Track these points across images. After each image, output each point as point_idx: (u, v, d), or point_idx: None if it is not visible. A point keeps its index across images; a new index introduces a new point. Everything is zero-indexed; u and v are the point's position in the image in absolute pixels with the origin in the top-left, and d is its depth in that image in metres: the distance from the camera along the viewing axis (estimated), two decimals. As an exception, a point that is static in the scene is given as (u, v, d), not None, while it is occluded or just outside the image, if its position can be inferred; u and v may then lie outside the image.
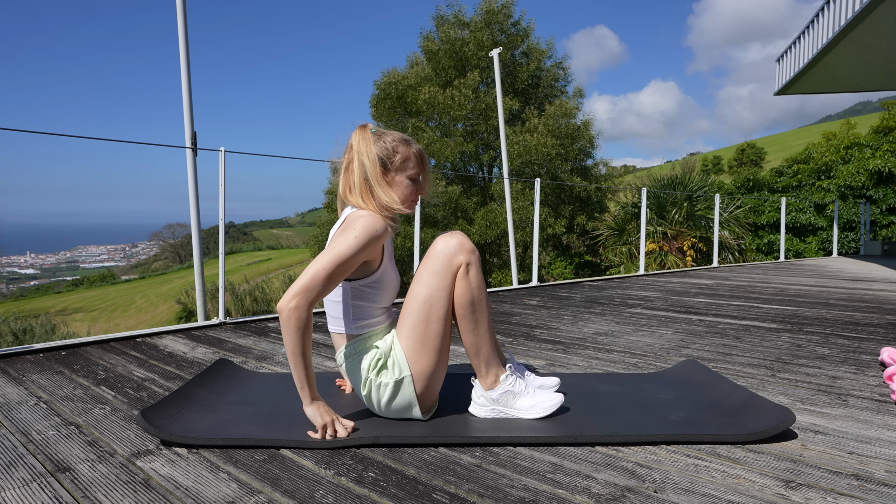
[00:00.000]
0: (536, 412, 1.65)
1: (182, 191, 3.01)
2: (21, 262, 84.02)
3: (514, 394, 1.65)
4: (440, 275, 1.59)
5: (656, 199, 11.49)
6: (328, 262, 1.48)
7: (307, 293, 1.46)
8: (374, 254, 1.59)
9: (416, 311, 1.59)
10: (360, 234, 1.51)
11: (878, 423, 1.69)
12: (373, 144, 1.63)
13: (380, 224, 1.55)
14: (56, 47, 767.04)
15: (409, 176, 1.66)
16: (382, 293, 1.64)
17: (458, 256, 1.59)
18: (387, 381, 1.58)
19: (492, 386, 1.66)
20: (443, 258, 1.59)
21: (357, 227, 1.52)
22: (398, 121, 17.03)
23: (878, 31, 6.39)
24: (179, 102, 3.44)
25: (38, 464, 1.40)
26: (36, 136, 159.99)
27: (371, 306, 1.64)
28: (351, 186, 1.64)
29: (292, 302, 1.45)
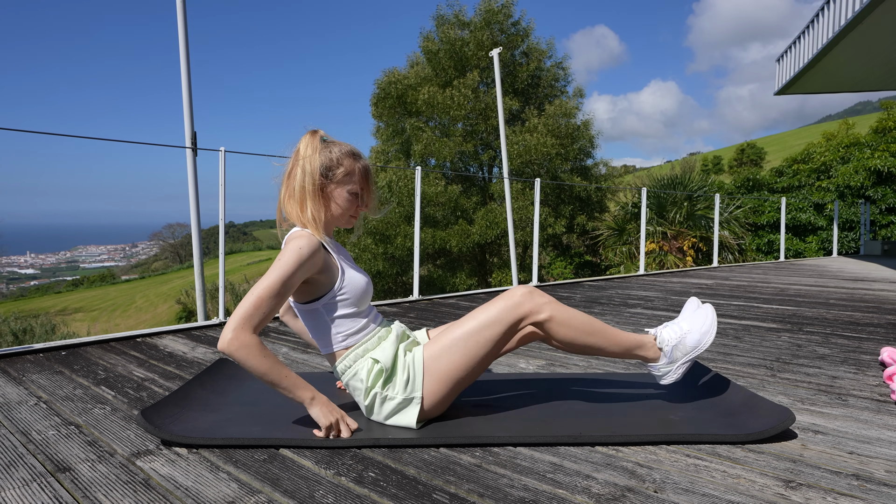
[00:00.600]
0: (707, 338, 1.66)
1: (182, 191, 3.02)
2: (21, 262, 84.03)
3: (679, 342, 1.67)
4: (494, 323, 1.58)
5: (656, 199, 11.50)
6: (263, 288, 1.46)
7: (247, 323, 1.43)
8: (317, 269, 1.55)
9: (457, 343, 1.58)
10: (289, 259, 1.48)
11: (878, 423, 1.69)
12: (318, 153, 1.60)
13: (309, 244, 1.51)
14: (56, 47, 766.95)
15: (350, 190, 1.62)
16: (355, 297, 1.61)
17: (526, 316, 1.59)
18: (393, 396, 1.56)
19: (657, 356, 1.69)
20: (502, 313, 1.58)
21: (286, 253, 1.50)
22: (398, 120, 17.04)
23: (878, 31, 6.40)
24: (179, 102, 3.45)
25: (38, 464, 1.40)
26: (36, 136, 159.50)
27: (350, 314, 1.61)
28: (291, 193, 1.61)
29: (230, 336, 1.42)
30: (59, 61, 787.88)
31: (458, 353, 1.57)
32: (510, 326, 1.59)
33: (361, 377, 1.58)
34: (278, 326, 3.28)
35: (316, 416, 1.51)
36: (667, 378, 1.70)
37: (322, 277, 1.57)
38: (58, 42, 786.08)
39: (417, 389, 1.56)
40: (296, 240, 1.53)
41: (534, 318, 1.59)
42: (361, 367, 1.58)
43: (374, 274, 15.49)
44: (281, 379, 1.47)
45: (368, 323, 1.65)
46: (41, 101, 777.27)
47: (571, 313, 1.62)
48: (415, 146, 15.72)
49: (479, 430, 1.55)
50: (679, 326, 1.70)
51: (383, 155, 17.36)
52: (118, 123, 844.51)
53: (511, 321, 1.58)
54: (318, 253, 1.54)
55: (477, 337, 1.58)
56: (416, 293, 4.59)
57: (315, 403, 1.51)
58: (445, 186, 14.95)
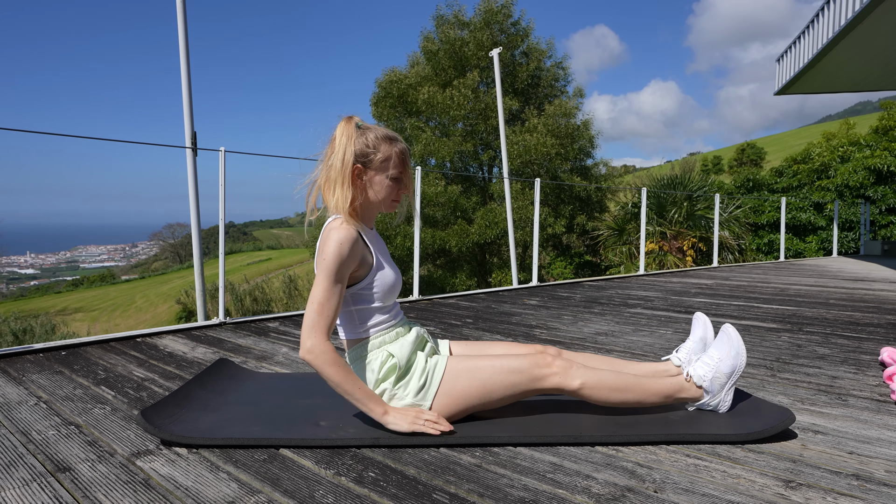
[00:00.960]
0: (740, 358, 1.64)
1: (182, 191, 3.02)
2: (21, 262, 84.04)
3: (715, 373, 1.65)
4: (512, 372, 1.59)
5: (656, 199, 11.50)
6: (319, 293, 1.49)
7: (316, 329, 1.48)
8: (358, 260, 1.56)
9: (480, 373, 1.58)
10: (332, 258, 1.50)
11: (878, 423, 1.69)
12: (353, 140, 1.58)
13: (348, 237, 1.52)
14: (56, 47, 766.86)
15: (389, 176, 1.62)
16: (382, 293, 1.62)
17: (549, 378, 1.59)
18: (403, 397, 1.57)
19: (700, 395, 1.67)
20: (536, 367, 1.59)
21: (326, 247, 1.51)
22: (398, 120, 17.03)
23: (877, 31, 6.40)
24: (179, 102, 3.44)
25: (38, 464, 1.40)
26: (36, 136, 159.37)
27: (374, 308, 1.62)
28: (328, 180, 1.60)
29: (308, 344, 1.47)
30: (59, 61, 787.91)
31: (478, 382, 1.58)
32: (535, 381, 1.59)
33: (373, 368, 1.58)
34: (278, 326, 3.28)
35: (396, 426, 1.51)
36: (720, 408, 1.69)
37: (357, 269, 1.59)
38: (58, 42, 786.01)
39: (428, 400, 1.57)
40: (334, 232, 1.52)
41: (563, 384, 1.59)
42: (375, 358, 1.59)
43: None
44: (355, 390, 1.50)
45: (390, 319, 1.65)
46: (41, 102, 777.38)
47: (601, 376, 1.61)
48: (415, 146, 15.71)
49: (479, 430, 1.55)
50: (709, 357, 1.68)
51: (383, 155, 17.32)
52: (118, 123, 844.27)
53: (538, 378, 1.59)
54: (357, 244, 1.55)
55: (501, 377, 1.58)
56: (416, 293, 4.59)
57: (388, 415, 1.51)
58: (445, 186, 14.95)
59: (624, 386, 1.62)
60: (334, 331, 1.58)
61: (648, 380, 1.66)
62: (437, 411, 1.57)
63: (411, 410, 1.54)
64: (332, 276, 1.50)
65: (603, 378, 1.61)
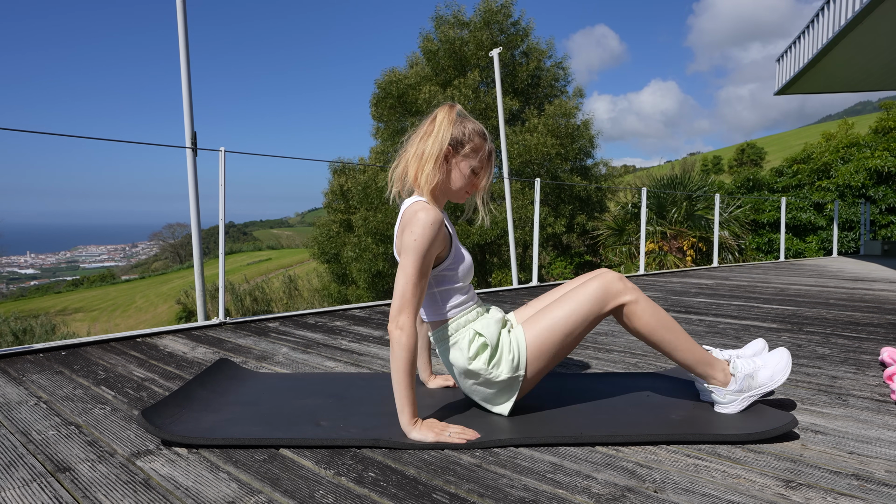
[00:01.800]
0: (780, 376, 1.67)
1: (182, 191, 3.02)
2: (21, 262, 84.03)
3: (751, 374, 1.67)
4: (590, 303, 1.64)
5: (656, 199, 11.49)
6: (410, 274, 1.51)
7: (407, 309, 1.50)
8: (442, 241, 1.60)
9: (558, 323, 1.63)
10: (422, 238, 1.53)
11: (878, 423, 1.69)
12: (453, 125, 1.65)
13: (435, 218, 1.56)
14: (56, 47, 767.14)
15: (473, 167, 1.68)
16: (461, 273, 1.67)
17: (616, 297, 1.65)
18: (499, 375, 1.61)
19: (727, 381, 1.68)
20: (599, 293, 1.64)
21: (416, 228, 1.53)
22: (398, 120, 17.03)
23: (877, 31, 6.40)
24: (179, 102, 3.45)
25: (38, 464, 1.40)
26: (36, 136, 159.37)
27: (455, 288, 1.66)
28: (418, 155, 1.65)
29: (401, 320, 1.49)
30: (59, 62, 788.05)
31: (560, 332, 1.64)
32: (603, 304, 1.65)
33: (462, 346, 1.62)
34: (278, 326, 3.28)
35: (418, 437, 1.51)
36: (729, 407, 1.69)
37: (440, 251, 1.62)
38: (58, 43, 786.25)
39: (522, 369, 1.62)
40: (422, 213, 1.55)
41: (622, 298, 1.65)
42: (462, 338, 1.63)
43: (375, 274, 15.49)
44: (407, 387, 1.51)
45: (469, 300, 1.70)
46: (41, 102, 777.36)
47: (656, 305, 1.69)
48: (415, 146, 15.71)
49: (480, 431, 1.55)
50: (753, 360, 1.70)
51: (383, 155, 17.36)
52: (118, 123, 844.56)
53: (604, 300, 1.64)
54: (442, 226, 1.59)
55: (575, 316, 1.64)
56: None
57: (415, 429, 1.52)
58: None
59: (671, 325, 1.67)
60: None
61: (692, 339, 1.70)
62: (533, 373, 1.64)
63: (438, 425, 1.54)
64: (423, 256, 1.53)
65: (658, 308, 1.68)
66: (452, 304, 1.66)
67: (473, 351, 1.61)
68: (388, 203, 14.83)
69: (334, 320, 3.51)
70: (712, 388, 1.70)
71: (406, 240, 1.55)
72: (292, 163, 28.19)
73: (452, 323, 1.65)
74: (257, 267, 44.03)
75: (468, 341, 1.62)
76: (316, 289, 23.25)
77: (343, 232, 17.93)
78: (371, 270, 15.41)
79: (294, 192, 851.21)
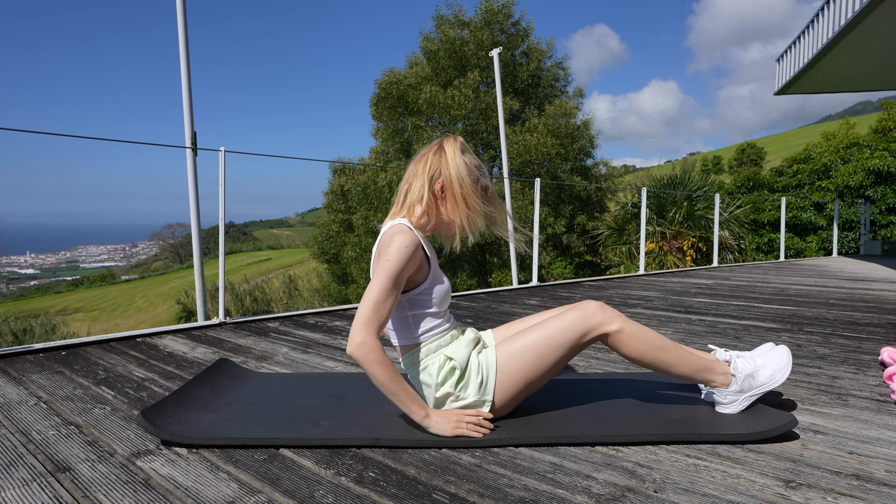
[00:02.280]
0: (781, 375, 1.66)
1: (182, 191, 3.02)
2: (21, 262, 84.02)
3: (752, 374, 1.66)
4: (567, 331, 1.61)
5: (656, 199, 11.49)
6: (377, 292, 1.50)
7: (368, 326, 1.48)
8: (417, 265, 1.59)
9: (531, 348, 1.61)
10: (395, 258, 1.52)
11: (878, 423, 1.69)
12: (455, 158, 1.64)
13: (411, 241, 1.55)
14: (56, 47, 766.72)
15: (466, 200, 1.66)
16: (436, 297, 1.64)
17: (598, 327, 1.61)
18: (465, 397, 1.58)
19: (728, 382, 1.67)
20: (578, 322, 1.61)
21: (391, 250, 1.53)
22: (398, 120, 17.03)
23: (877, 31, 6.40)
24: (179, 102, 3.45)
25: (38, 464, 1.40)
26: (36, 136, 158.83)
27: (429, 312, 1.64)
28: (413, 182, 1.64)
29: (358, 340, 1.47)
30: (59, 61, 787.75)
31: (531, 356, 1.60)
32: (582, 335, 1.61)
33: (431, 372, 1.60)
34: (278, 326, 3.28)
35: (439, 430, 1.51)
36: (730, 407, 1.68)
37: (415, 274, 1.61)
38: (58, 42, 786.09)
39: (489, 392, 1.59)
40: (398, 236, 1.55)
41: (604, 328, 1.61)
42: (433, 363, 1.61)
43: (374, 274, 15.47)
44: (399, 391, 1.50)
45: (444, 323, 1.67)
46: (41, 102, 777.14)
47: (641, 328, 1.65)
48: (416, 145, 15.71)
49: None
50: (752, 359, 1.69)
51: (383, 155, 17.36)
52: (118, 123, 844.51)
53: (583, 330, 1.61)
54: (418, 250, 1.58)
55: (550, 341, 1.61)
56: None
57: (430, 419, 1.52)
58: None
59: (661, 345, 1.64)
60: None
61: (685, 349, 1.69)
62: (503, 397, 1.60)
63: (453, 413, 1.55)
64: (393, 278, 1.51)
65: (644, 331, 1.64)
66: (425, 329, 1.63)
67: (442, 376, 1.58)
68: (386, 204, 14.81)
69: (334, 320, 3.51)
70: (714, 390, 1.70)
71: (378, 260, 1.55)
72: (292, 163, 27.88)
73: (424, 347, 1.62)
74: (257, 267, 44.04)
75: (438, 367, 1.59)
76: (316, 289, 23.26)
77: (343, 232, 17.94)
78: (371, 270, 15.40)
79: (294, 192, 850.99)
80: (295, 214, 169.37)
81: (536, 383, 1.64)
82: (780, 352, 1.72)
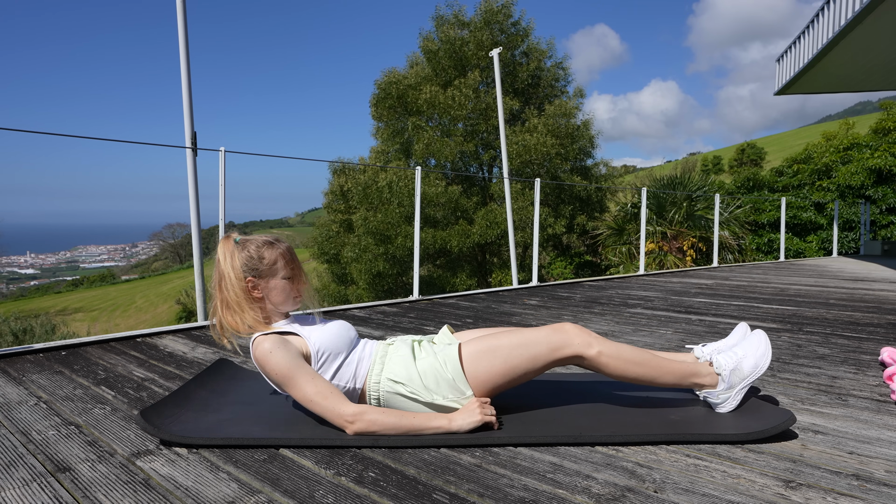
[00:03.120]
0: (763, 361, 1.65)
1: (182, 191, 3.03)
2: (21, 262, 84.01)
3: (736, 367, 1.65)
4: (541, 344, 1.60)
5: (656, 199, 11.49)
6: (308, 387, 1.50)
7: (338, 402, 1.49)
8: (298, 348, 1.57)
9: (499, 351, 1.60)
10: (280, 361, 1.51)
11: (878, 423, 1.69)
12: (236, 257, 1.61)
13: (273, 340, 1.54)
14: (56, 47, 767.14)
15: (282, 277, 1.65)
16: (335, 352, 1.62)
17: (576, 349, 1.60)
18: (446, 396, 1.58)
19: (715, 382, 1.66)
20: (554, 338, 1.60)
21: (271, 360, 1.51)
22: (398, 120, 17.03)
23: (877, 31, 6.39)
24: (179, 102, 3.45)
25: (38, 464, 1.40)
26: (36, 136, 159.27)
27: (344, 363, 1.63)
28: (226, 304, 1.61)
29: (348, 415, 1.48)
30: (59, 61, 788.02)
31: (499, 360, 1.59)
32: (555, 351, 1.59)
33: (402, 404, 1.59)
34: (278, 326, 3.28)
35: (469, 425, 1.51)
36: (725, 406, 1.68)
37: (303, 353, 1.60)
38: (58, 42, 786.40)
39: (467, 388, 1.58)
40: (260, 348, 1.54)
41: (582, 351, 1.60)
42: (391, 397, 1.60)
43: (375, 274, 15.48)
44: (412, 425, 1.50)
45: (367, 357, 1.66)
46: (41, 102, 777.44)
47: (620, 347, 1.63)
48: (416, 145, 15.73)
49: (480, 430, 1.55)
50: (733, 352, 1.68)
51: (383, 155, 17.37)
52: (118, 123, 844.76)
53: (557, 346, 1.59)
54: (287, 344, 1.56)
55: (521, 350, 1.59)
56: (416, 293, 4.59)
57: (455, 421, 1.51)
58: (446, 187, 14.95)
59: (641, 360, 1.63)
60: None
61: (666, 358, 1.68)
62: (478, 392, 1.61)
63: (469, 405, 1.55)
64: (296, 371, 1.51)
65: (622, 349, 1.63)
66: (358, 374, 1.62)
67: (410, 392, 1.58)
68: (386, 204, 14.83)
69: (334, 320, 3.51)
70: (705, 394, 1.70)
71: (274, 377, 1.53)
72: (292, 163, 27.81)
73: (373, 388, 1.61)
74: (257, 267, 43.93)
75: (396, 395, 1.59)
76: (316, 289, 23.25)
77: (343, 232, 17.94)
78: (371, 270, 15.42)
79: (294, 192, 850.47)
80: (295, 214, 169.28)
81: (503, 387, 1.63)
82: (756, 338, 1.70)
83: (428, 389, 1.58)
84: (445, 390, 1.58)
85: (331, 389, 1.51)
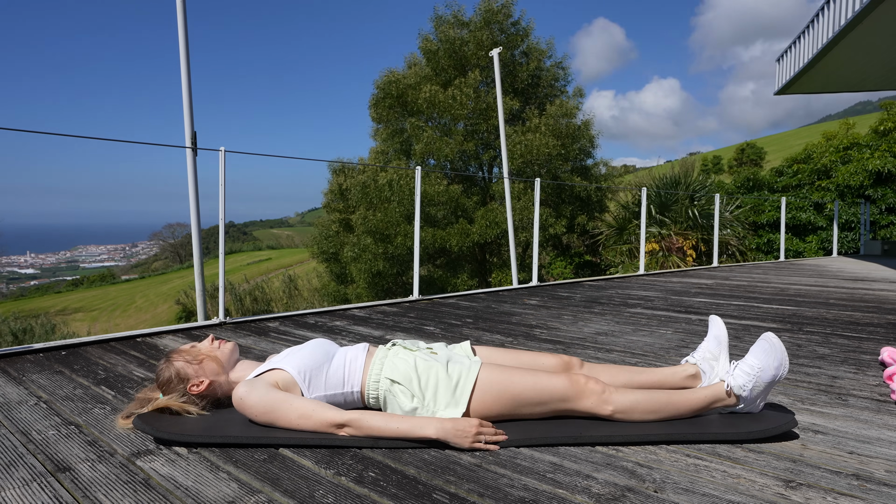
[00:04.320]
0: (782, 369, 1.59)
1: (182, 191, 3.04)
2: (21, 262, 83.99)
3: (757, 382, 1.59)
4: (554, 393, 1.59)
5: (657, 199, 11.49)
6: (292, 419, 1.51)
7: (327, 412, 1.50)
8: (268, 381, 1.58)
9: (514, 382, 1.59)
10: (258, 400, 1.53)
11: (878, 423, 1.69)
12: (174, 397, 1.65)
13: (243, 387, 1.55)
14: (56, 46, 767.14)
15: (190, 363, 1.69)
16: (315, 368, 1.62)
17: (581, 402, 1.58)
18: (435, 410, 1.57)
19: (734, 401, 1.62)
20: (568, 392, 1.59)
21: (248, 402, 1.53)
22: (398, 120, 17.02)
23: (877, 31, 6.39)
24: (179, 102, 3.44)
25: (38, 464, 1.40)
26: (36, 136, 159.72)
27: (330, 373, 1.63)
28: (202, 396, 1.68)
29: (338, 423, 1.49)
30: (59, 61, 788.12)
31: (508, 395, 1.58)
32: (565, 403, 1.59)
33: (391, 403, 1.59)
34: (278, 326, 3.28)
35: (456, 443, 1.48)
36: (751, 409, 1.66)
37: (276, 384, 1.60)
38: (58, 42, 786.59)
39: (462, 406, 1.56)
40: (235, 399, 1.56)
41: (596, 410, 1.58)
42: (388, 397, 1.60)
43: (375, 274, 15.48)
44: (396, 431, 1.49)
45: (353, 359, 1.67)
46: (41, 102, 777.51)
47: (634, 400, 1.59)
48: (416, 145, 15.72)
49: None
50: (749, 366, 1.61)
51: (383, 155, 17.36)
52: (118, 123, 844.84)
53: (570, 400, 1.58)
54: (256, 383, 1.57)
55: (533, 395, 1.58)
56: (416, 293, 4.59)
57: (443, 434, 1.48)
58: (447, 186, 14.95)
59: (657, 407, 1.60)
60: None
61: (681, 396, 1.63)
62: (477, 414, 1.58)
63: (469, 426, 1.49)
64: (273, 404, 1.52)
65: (636, 403, 1.59)
66: (344, 380, 1.63)
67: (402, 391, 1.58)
68: (386, 203, 14.82)
69: (334, 320, 3.51)
70: (731, 411, 1.66)
71: (258, 418, 1.54)
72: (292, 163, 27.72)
73: (370, 386, 1.62)
74: (257, 267, 44.01)
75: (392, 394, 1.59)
76: (316, 288, 23.25)
77: (342, 231, 17.94)
78: (371, 270, 15.41)
79: (294, 192, 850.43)
80: (295, 214, 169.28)
81: (504, 418, 1.61)
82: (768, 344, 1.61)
83: (423, 392, 1.57)
84: (443, 400, 1.56)
85: (312, 406, 1.52)
